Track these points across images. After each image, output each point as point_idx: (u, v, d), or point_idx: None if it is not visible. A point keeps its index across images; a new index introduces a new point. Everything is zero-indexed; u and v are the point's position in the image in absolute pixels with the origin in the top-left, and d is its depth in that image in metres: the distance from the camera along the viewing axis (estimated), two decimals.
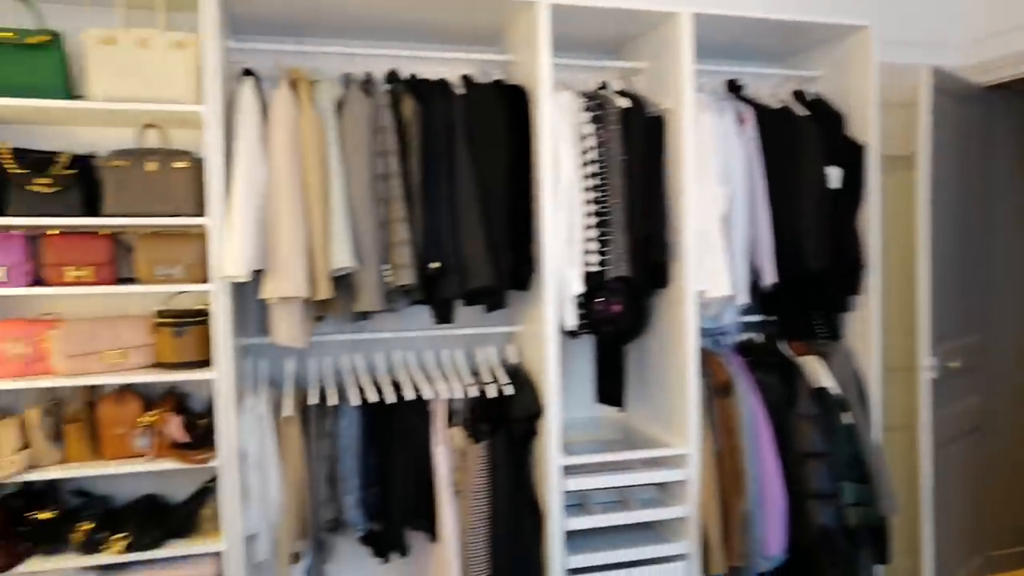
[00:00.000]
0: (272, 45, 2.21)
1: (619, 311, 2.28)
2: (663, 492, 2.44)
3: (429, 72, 2.29)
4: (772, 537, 2.32)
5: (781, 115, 2.48)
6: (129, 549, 1.98)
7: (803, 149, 2.42)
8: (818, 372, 2.47)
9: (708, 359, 2.39)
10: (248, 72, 2.11)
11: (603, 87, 2.40)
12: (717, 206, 2.30)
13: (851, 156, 2.47)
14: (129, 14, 1.99)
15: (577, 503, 2.37)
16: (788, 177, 2.41)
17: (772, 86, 2.63)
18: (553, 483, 2.21)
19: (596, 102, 2.28)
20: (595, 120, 2.25)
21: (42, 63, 1.90)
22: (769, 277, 2.37)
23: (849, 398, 2.44)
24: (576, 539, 2.28)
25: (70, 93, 1.96)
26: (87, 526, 1.98)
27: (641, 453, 2.34)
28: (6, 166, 1.91)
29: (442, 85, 2.24)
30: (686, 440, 2.30)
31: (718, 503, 2.32)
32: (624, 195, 2.24)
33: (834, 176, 2.43)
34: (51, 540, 1.97)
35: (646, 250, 2.28)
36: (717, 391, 2.37)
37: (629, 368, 2.61)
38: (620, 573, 2.28)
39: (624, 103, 2.28)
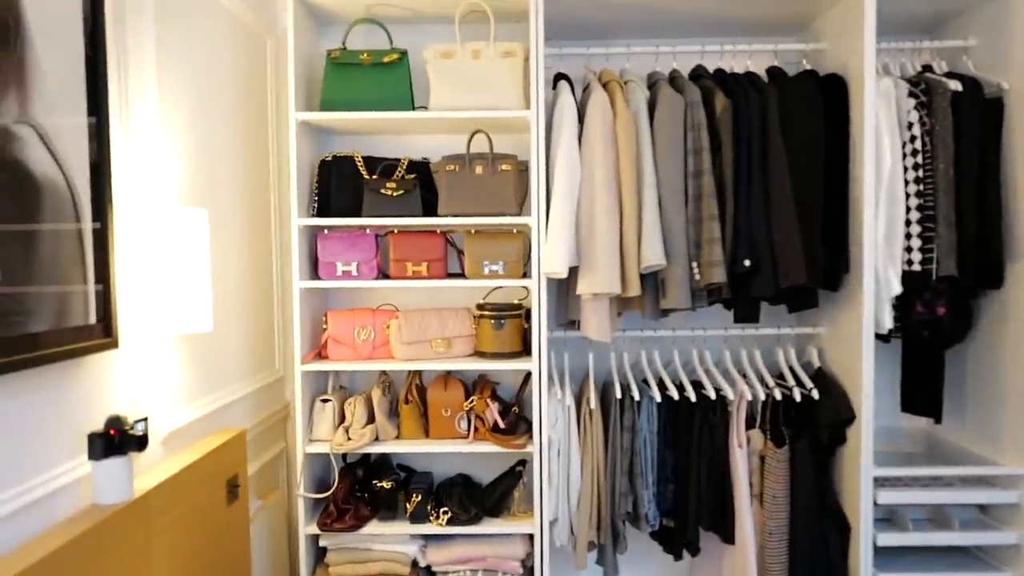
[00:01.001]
0: (579, 49, 2.29)
1: (943, 314, 2.10)
2: (986, 514, 2.21)
3: (725, 66, 2.25)
4: None
5: None
6: (451, 523, 2.16)
7: None
8: None
9: None
10: (561, 76, 2.20)
11: (927, 69, 2.21)
12: None
13: None
14: (463, 27, 2.13)
15: (883, 517, 2.22)
16: None
17: None
18: (863, 495, 2.09)
19: (921, 87, 2.10)
20: (920, 106, 2.09)
21: (392, 79, 2.11)
22: None
23: None
24: (883, 556, 2.14)
25: (413, 105, 2.15)
26: (416, 498, 2.18)
27: (967, 470, 2.14)
28: (362, 173, 2.15)
29: (750, 78, 2.18)
30: (1022, 459, 2.07)
31: None
32: (953, 188, 2.06)
33: None
34: (388, 507, 2.19)
35: (978, 248, 2.08)
36: None
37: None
38: None
39: (955, 86, 2.09)
